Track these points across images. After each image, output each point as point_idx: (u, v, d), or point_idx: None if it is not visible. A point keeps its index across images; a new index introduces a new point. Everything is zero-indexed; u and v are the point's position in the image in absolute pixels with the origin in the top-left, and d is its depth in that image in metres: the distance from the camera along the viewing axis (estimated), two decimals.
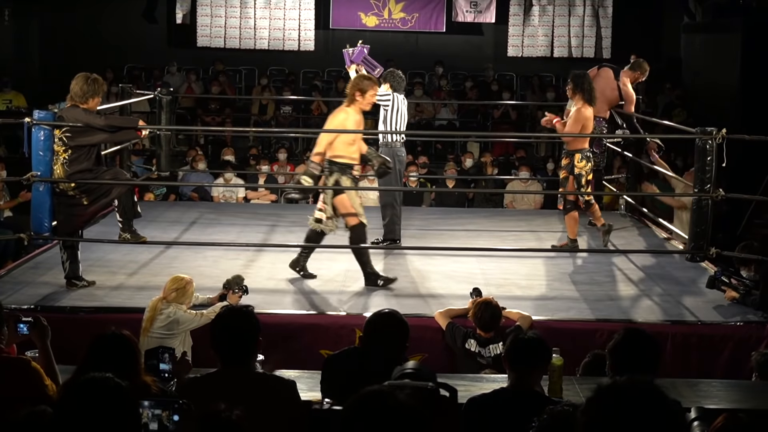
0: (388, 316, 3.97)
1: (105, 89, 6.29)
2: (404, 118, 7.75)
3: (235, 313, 3.67)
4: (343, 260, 7.22)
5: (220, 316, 3.66)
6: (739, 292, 6.15)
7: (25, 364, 3.67)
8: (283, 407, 3.40)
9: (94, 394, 2.52)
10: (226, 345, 3.46)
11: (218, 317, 3.65)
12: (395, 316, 3.97)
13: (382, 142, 7.72)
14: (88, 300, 6.03)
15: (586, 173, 7.39)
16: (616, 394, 2.01)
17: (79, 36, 15.28)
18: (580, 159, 7.40)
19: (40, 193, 6.16)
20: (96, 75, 6.22)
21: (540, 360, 3.73)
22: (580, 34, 15.83)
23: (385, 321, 3.93)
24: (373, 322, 3.93)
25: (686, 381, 4.67)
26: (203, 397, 3.13)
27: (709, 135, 6.43)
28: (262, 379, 3.53)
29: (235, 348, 3.45)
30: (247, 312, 3.69)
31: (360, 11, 15.86)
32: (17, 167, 8.01)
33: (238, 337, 3.47)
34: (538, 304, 6.18)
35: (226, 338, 3.47)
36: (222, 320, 3.57)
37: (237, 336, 3.47)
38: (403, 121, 7.75)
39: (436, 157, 13.15)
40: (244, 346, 3.47)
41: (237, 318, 3.56)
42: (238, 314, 3.62)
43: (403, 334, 3.90)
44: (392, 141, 7.67)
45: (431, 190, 11.27)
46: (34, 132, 6.10)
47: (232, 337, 3.46)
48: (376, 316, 3.98)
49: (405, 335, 3.90)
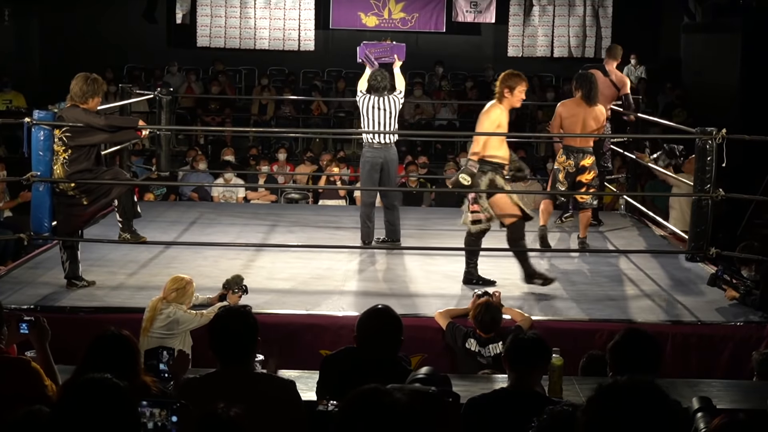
0: (380, 313, 3.90)
1: (105, 89, 6.29)
2: (377, 119, 7.53)
3: (233, 313, 3.66)
4: (343, 260, 7.22)
5: (218, 316, 3.64)
6: (740, 292, 6.15)
7: (25, 364, 3.67)
8: (283, 407, 3.38)
9: (93, 394, 2.52)
10: (224, 345, 3.44)
11: (216, 318, 3.64)
12: (387, 312, 3.90)
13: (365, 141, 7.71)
14: (88, 300, 6.03)
15: (565, 169, 7.49)
16: (617, 393, 2.01)
17: (79, 36, 15.29)
18: (561, 153, 7.54)
19: (40, 193, 6.15)
20: (96, 75, 6.22)
21: (540, 360, 3.73)
22: (580, 34, 15.84)
23: (376, 317, 3.87)
24: (364, 320, 3.89)
25: (686, 381, 4.66)
26: (202, 398, 3.14)
27: (709, 135, 6.43)
28: (261, 379, 3.52)
29: (233, 348, 3.43)
30: (245, 312, 3.68)
31: (360, 11, 15.87)
32: (17, 167, 8.00)
33: (237, 337, 3.45)
34: (538, 304, 6.18)
35: (224, 339, 3.44)
36: (220, 321, 3.55)
37: (235, 336, 3.45)
38: (377, 122, 7.53)
39: (436, 157, 13.16)
40: (242, 346, 3.45)
41: (235, 318, 3.54)
42: (236, 314, 3.61)
43: (396, 330, 3.83)
44: (370, 140, 7.58)
45: (431, 190, 11.27)
46: (34, 132, 6.09)
47: (230, 337, 3.44)
48: (367, 313, 3.93)
49: (398, 330, 3.83)
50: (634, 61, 15.46)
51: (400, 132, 7.72)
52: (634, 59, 15.46)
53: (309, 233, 8.19)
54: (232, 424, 2.65)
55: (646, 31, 16.04)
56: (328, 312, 5.94)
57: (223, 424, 2.64)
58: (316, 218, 8.82)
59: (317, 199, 11.25)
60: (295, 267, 7.02)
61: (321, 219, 8.80)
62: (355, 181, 11.61)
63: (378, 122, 7.54)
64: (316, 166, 11.90)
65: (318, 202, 11.08)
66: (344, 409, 2.20)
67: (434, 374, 3.41)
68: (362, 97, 7.58)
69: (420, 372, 3.38)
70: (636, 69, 15.47)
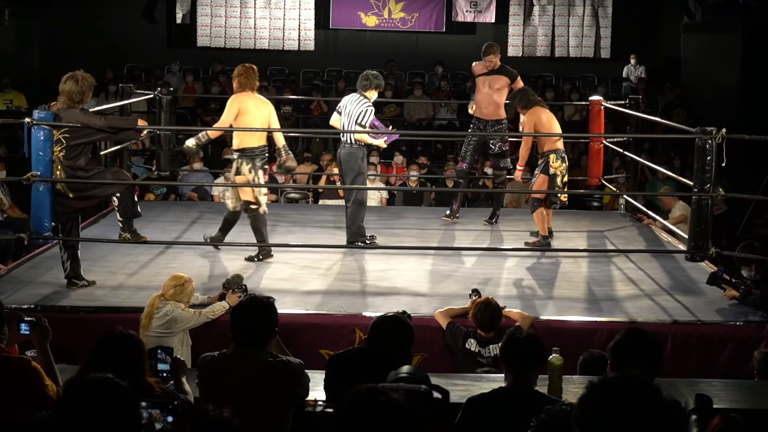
0: (392, 320, 3.94)
1: (94, 83, 6.30)
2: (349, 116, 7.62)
3: (257, 301, 3.92)
4: (342, 260, 7.22)
5: (242, 303, 4.00)
6: (740, 292, 6.15)
7: (25, 364, 3.68)
8: (291, 386, 3.75)
9: (94, 394, 2.52)
10: (244, 329, 3.74)
11: (240, 304, 3.99)
12: (399, 320, 3.95)
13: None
14: (88, 300, 6.03)
15: (561, 173, 7.58)
16: (608, 389, 2.02)
17: (79, 36, 15.29)
18: (555, 159, 7.59)
19: (40, 193, 6.14)
20: (82, 72, 6.19)
21: (536, 360, 3.71)
22: (580, 34, 15.83)
23: (389, 324, 3.91)
24: (377, 325, 3.92)
25: (686, 381, 4.66)
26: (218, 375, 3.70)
27: (709, 135, 6.42)
28: (272, 361, 3.76)
29: (252, 333, 3.73)
30: (269, 303, 3.90)
31: (360, 11, 15.87)
32: (17, 167, 8.01)
33: (256, 323, 3.76)
34: (538, 304, 6.18)
35: (244, 323, 3.76)
36: (243, 306, 3.89)
37: (255, 323, 3.76)
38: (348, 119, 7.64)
39: (436, 157, 13.15)
40: (260, 334, 3.74)
41: (258, 306, 3.83)
42: (260, 303, 3.87)
43: (407, 339, 3.87)
44: (345, 140, 7.69)
45: (431, 189, 11.27)
46: (34, 132, 6.09)
47: (250, 323, 3.75)
48: (381, 318, 3.97)
49: (409, 339, 3.87)
50: (634, 60, 15.46)
51: (400, 132, 7.74)
52: (634, 59, 15.46)
53: (309, 233, 8.19)
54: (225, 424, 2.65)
55: (645, 31, 16.04)
56: (328, 312, 5.94)
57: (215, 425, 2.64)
58: (316, 218, 8.82)
59: (317, 199, 11.25)
60: (295, 267, 7.02)
61: (321, 219, 8.80)
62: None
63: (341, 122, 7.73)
64: (316, 165, 11.90)
65: (318, 202, 11.08)
66: (341, 408, 2.20)
67: (416, 373, 3.42)
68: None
69: (402, 371, 3.39)
70: (636, 69, 15.47)
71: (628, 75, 15.58)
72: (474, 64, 8.80)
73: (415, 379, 3.28)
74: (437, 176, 11.45)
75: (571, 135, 7.45)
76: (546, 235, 7.73)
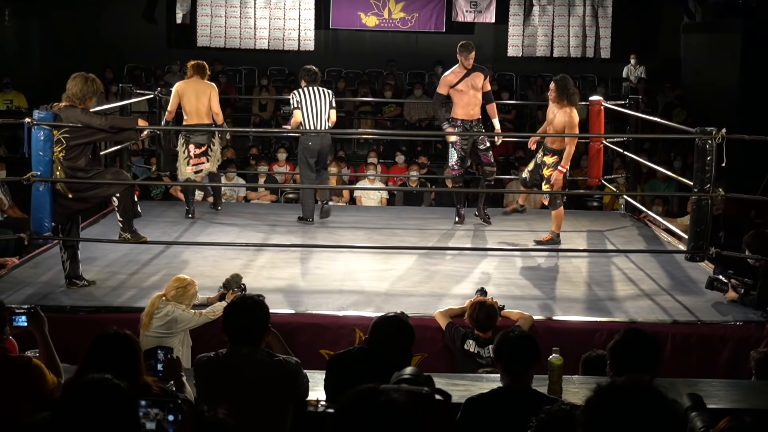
0: (392, 320, 3.94)
1: (102, 89, 6.32)
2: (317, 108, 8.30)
3: (247, 300, 3.95)
4: (343, 260, 7.23)
5: (233, 302, 4.05)
6: (738, 292, 6.14)
7: (26, 362, 3.68)
8: (288, 387, 3.77)
9: (93, 395, 2.52)
10: (236, 328, 3.78)
11: (232, 303, 4.04)
12: (400, 320, 3.95)
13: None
14: (88, 300, 6.03)
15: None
16: (615, 394, 2.02)
17: (79, 36, 15.29)
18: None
19: (40, 193, 6.14)
20: (93, 75, 6.21)
21: (531, 358, 3.69)
22: (580, 34, 15.83)
23: (389, 324, 3.91)
24: (378, 325, 3.92)
25: (686, 381, 4.66)
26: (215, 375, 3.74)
27: (709, 135, 6.42)
28: (269, 361, 3.78)
29: (245, 331, 3.77)
30: (259, 301, 3.93)
31: (360, 11, 15.87)
32: (17, 167, 8.01)
33: (248, 322, 3.79)
34: (538, 304, 6.18)
35: (237, 322, 3.80)
36: (235, 305, 3.92)
37: (247, 321, 3.79)
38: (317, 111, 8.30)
39: (436, 157, 13.15)
40: (252, 332, 3.78)
41: (248, 305, 3.86)
42: (250, 302, 3.90)
43: (407, 339, 3.87)
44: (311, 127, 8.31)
45: (431, 189, 11.27)
46: (34, 132, 6.09)
47: (242, 321, 3.79)
48: (381, 319, 3.97)
49: (410, 339, 3.88)
50: (634, 60, 15.46)
51: (400, 132, 7.75)
52: (634, 59, 15.46)
53: (309, 233, 8.19)
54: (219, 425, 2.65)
55: (645, 31, 16.04)
56: (328, 312, 5.94)
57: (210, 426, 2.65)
58: (316, 218, 8.82)
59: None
60: (295, 267, 7.02)
61: (321, 219, 8.80)
62: (356, 181, 11.63)
63: (317, 111, 8.29)
64: None
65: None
66: (341, 409, 2.20)
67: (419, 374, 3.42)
68: (303, 91, 8.32)
69: (405, 372, 3.40)
70: (636, 69, 15.47)
71: (628, 75, 15.58)
72: (447, 74, 8.53)
73: (418, 381, 3.28)
74: (437, 176, 11.45)
75: (571, 135, 7.43)
76: (558, 233, 7.82)
